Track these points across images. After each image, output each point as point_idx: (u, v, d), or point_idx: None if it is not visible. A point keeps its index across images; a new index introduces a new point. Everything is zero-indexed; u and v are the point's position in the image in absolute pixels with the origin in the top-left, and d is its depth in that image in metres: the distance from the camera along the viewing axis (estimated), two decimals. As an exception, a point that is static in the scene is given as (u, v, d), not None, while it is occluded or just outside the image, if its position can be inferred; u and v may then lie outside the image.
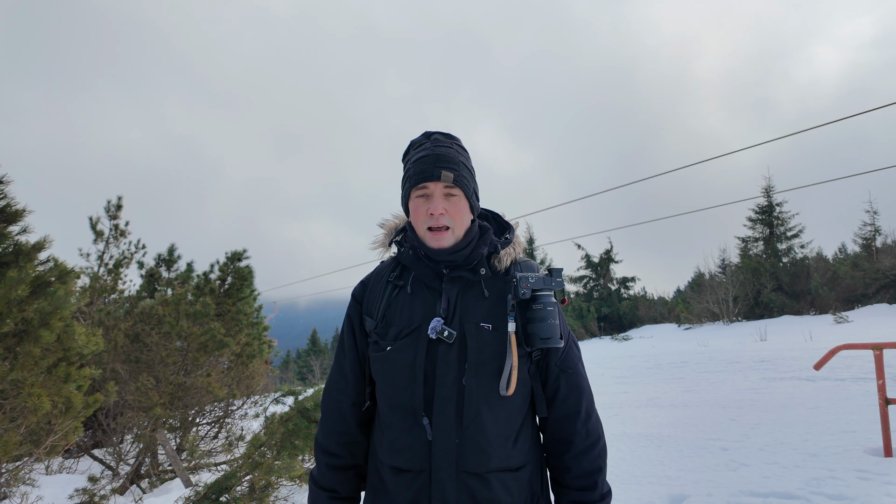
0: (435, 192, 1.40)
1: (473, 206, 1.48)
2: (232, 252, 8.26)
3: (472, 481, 1.32)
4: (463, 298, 1.42)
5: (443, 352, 1.36)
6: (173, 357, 5.94)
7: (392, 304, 1.45)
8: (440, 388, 1.34)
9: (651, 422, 6.97)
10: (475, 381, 1.34)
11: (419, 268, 1.45)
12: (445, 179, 1.38)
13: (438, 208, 1.39)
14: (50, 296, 3.30)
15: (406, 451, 1.36)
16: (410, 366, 1.36)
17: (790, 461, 4.76)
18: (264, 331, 9.18)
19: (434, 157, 1.41)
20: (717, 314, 22.99)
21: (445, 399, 1.33)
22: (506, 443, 1.37)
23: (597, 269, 31.61)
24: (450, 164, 1.40)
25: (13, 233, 3.26)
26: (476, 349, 1.36)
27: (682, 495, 4.15)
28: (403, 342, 1.39)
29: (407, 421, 1.36)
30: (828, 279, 22.89)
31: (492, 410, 1.35)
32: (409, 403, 1.35)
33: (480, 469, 1.32)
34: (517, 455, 1.38)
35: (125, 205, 7.62)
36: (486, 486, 1.33)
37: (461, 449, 1.32)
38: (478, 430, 1.33)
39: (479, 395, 1.34)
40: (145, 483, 5.93)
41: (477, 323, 1.38)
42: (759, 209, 25.97)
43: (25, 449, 3.47)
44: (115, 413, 6.42)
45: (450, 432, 1.32)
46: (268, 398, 7.66)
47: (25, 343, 3.20)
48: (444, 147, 1.44)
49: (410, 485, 1.34)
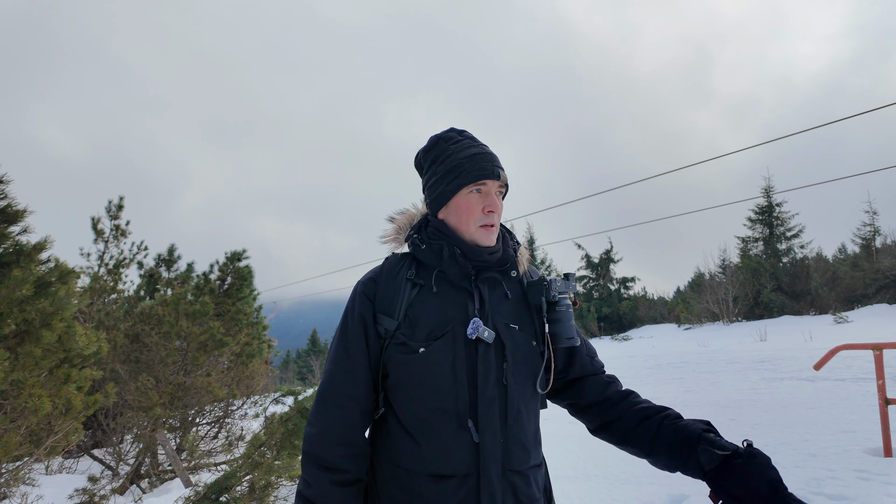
0: (492, 189, 1.42)
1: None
2: (231, 252, 8.26)
3: (516, 479, 1.33)
4: (491, 299, 1.42)
5: (482, 352, 1.34)
6: (173, 357, 5.94)
7: (415, 303, 1.38)
8: (483, 388, 1.32)
9: (651, 422, 6.96)
10: (514, 381, 1.36)
11: (449, 266, 1.39)
12: (503, 179, 1.43)
13: (494, 205, 1.41)
14: (51, 296, 3.30)
15: (451, 457, 1.29)
16: (450, 368, 1.32)
17: (790, 461, 4.76)
18: (264, 330, 9.19)
19: (490, 155, 1.43)
20: (717, 314, 22.99)
21: (490, 400, 1.32)
22: (536, 440, 1.43)
23: (597, 269, 31.61)
24: (501, 164, 1.45)
25: (14, 233, 3.26)
26: (512, 349, 1.37)
27: (681, 495, 4.15)
28: (438, 343, 1.33)
29: (450, 425, 1.30)
30: (827, 279, 22.90)
31: (528, 409, 1.39)
32: (453, 406, 1.31)
33: (522, 467, 1.35)
34: (538, 453, 1.45)
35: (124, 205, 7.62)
36: (526, 483, 1.35)
37: (506, 448, 1.32)
38: (519, 429, 1.36)
39: (519, 394, 1.37)
40: (145, 483, 5.93)
41: (507, 323, 1.40)
42: (758, 209, 25.98)
43: (26, 449, 3.47)
44: (115, 413, 6.42)
45: (495, 433, 1.31)
46: (268, 398, 7.66)
47: (27, 343, 3.20)
48: (485, 147, 1.46)
49: (457, 490, 1.28)
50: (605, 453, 5.36)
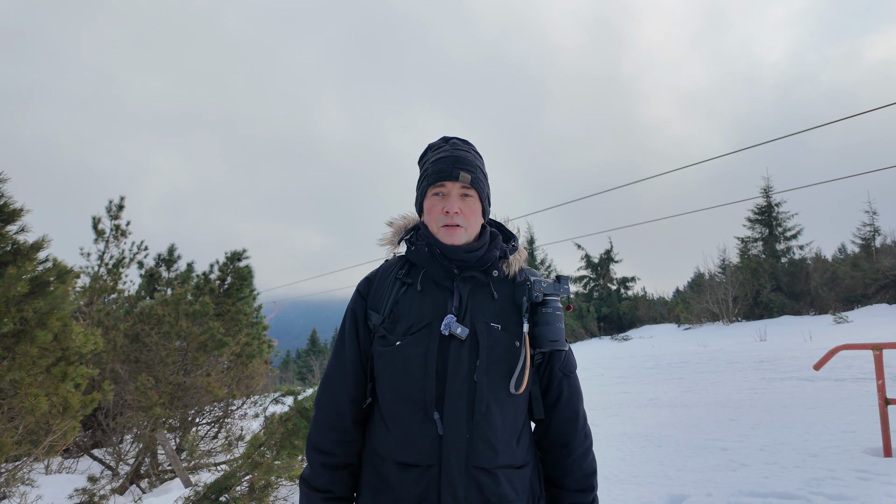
0: (452, 191, 1.47)
1: (486, 210, 1.55)
2: (231, 252, 8.26)
3: (481, 476, 1.34)
4: (473, 298, 1.46)
5: (455, 348, 1.38)
6: (173, 357, 5.94)
7: (400, 301, 1.47)
8: (451, 383, 1.36)
9: (651, 422, 6.96)
10: (486, 378, 1.38)
11: (432, 266, 1.48)
12: (463, 180, 1.46)
13: (454, 206, 1.46)
14: (48, 295, 3.29)
15: (415, 446, 1.35)
16: (422, 361, 1.38)
17: (790, 461, 4.76)
18: (264, 330, 9.19)
19: (453, 158, 1.49)
20: (716, 314, 22.98)
21: (457, 395, 1.36)
22: (511, 441, 1.41)
23: (597, 269, 31.59)
24: (468, 166, 1.48)
25: (11, 232, 3.25)
26: (488, 347, 1.39)
27: (681, 495, 4.15)
28: (414, 338, 1.40)
29: (417, 416, 1.36)
30: (827, 279, 22.89)
31: (500, 408, 1.39)
32: (420, 398, 1.36)
33: (489, 464, 1.35)
34: (520, 453, 1.42)
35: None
36: (494, 481, 1.35)
37: (471, 444, 1.34)
38: (487, 427, 1.36)
39: (490, 392, 1.37)
40: (145, 483, 5.93)
41: (487, 322, 1.42)
42: (757, 209, 25.97)
43: (24, 449, 3.47)
44: (115, 413, 6.42)
45: (460, 427, 1.34)
46: (267, 398, 7.65)
47: (23, 343, 3.19)
48: (462, 150, 1.52)
49: (419, 480, 1.34)
50: (604, 453, 5.36)
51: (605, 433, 6.32)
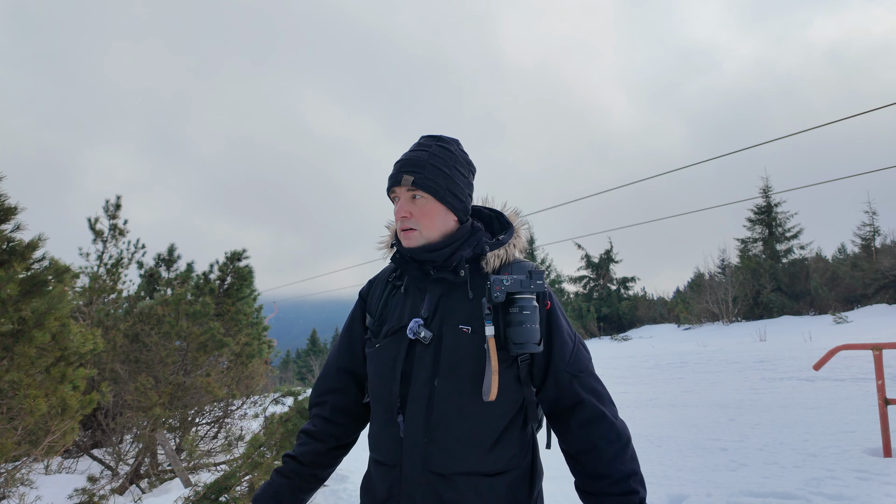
0: (401, 195, 1.45)
1: (453, 207, 1.46)
2: (231, 252, 8.25)
3: (437, 481, 1.32)
4: (446, 300, 1.43)
5: (419, 352, 1.38)
6: (173, 357, 5.94)
7: (388, 303, 1.51)
8: (413, 387, 1.37)
9: (650, 422, 6.96)
10: (446, 383, 1.35)
11: (408, 269, 1.49)
12: (405, 183, 1.41)
13: (401, 211, 1.44)
14: (45, 295, 3.27)
15: (384, 445, 1.41)
16: (392, 363, 1.40)
17: (789, 461, 4.76)
18: (264, 331, 9.18)
19: (401, 162, 1.46)
20: (716, 314, 22.98)
21: (417, 398, 1.36)
22: (478, 447, 1.34)
23: (597, 269, 31.60)
24: (413, 167, 1.42)
25: (6, 231, 3.23)
26: (450, 351, 1.36)
27: (681, 495, 4.15)
28: (389, 340, 1.44)
29: (385, 416, 1.40)
30: (827, 279, 22.89)
31: (462, 413, 1.34)
32: (387, 400, 1.40)
33: (446, 470, 1.32)
34: (493, 461, 1.35)
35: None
36: (452, 488, 1.32)
37: (427, 448, 1.33)
38: (446, 432, 1.33)
39: (450, 397, 1.34)
40: (145, 483, 5.93)
41: (456, 325, 1.38)
42: (757, 210, 25.96)
43: (23, 449, 3.46)
44: (115, 413, 6.41)
45: (418, 431, 1.34)
46: (267, 398, 7.65)
47: (21, 343, 3.17)
48: (417, 151, 1.47)
49: (386, 477, 1.39)
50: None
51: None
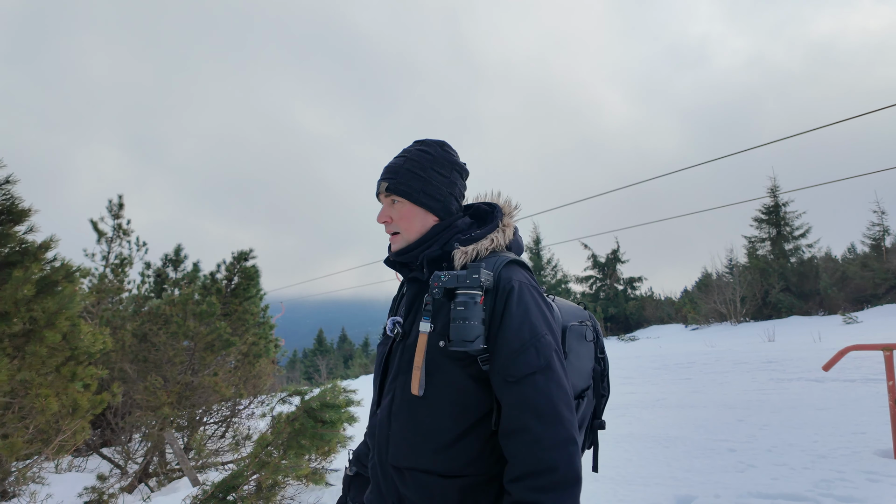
0: (383, 202, 1.52)
1: (430, 208, 1.47)
2: (238, 252, 8.29)
3: (393, 473, 1.39)
4: (419, 299, 1.48)
5: (395, 349, 1.48)
6: (181, 357, 5.97)
7: (398, 304, 1.62)
8: (387, 381, 1.47)
9: (657, 422, 6.93)
10: (404, 378, 1.41)
11: (399, 270, 1.56)
12: (381, 189, 1.50)
13: (382, 217, 1.51)
14: (56, 295, 3.31)
15: (370, 436, 1.51)
16: (379, 361, 1.52)
17: (799, 463, 4.73)
18: (271, 330, 9.21)
19: (383, 170, 1.52)
20: (724, 315, 22.87)
21: (387, 392, 1.45)
22: (431, 445, 1.32)
23: (603, 269, 31.51)
24: (388, 174, 1.49)
25: (19, 232, 3.27)
26: (411, 348, 1.42)
27: (689, 496, 4.13)
28: (382, 339, 1.56)
29: (373, 409, 1.52)
30: (837, 279, 22.71)
31: (411, 409, 1.37)
32: (373, 394, 1.53)
33: (399, 463, 1.38)
34: (448, 462, 1.31)
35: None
36: (403, 482, 1.37)
37: (389, 441, 1.40)
38: (401, 427, 1.39)
39: (405, 391, 1.40)
40: (153, 482, 5.97)
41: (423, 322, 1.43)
42: (765, 209, 25.81)
43: (35, 448, 3.50)
44: (124, 412, 6.46)
45: (384, 424, 1.42)
46: (274, 398, 7.67)
47: (32, 343, 3.21)
48: (397, 158, 1.53)
49: (372, 465, 1.48)
50: (610, 454, 5.34)
51: (611, 434, 6.30)
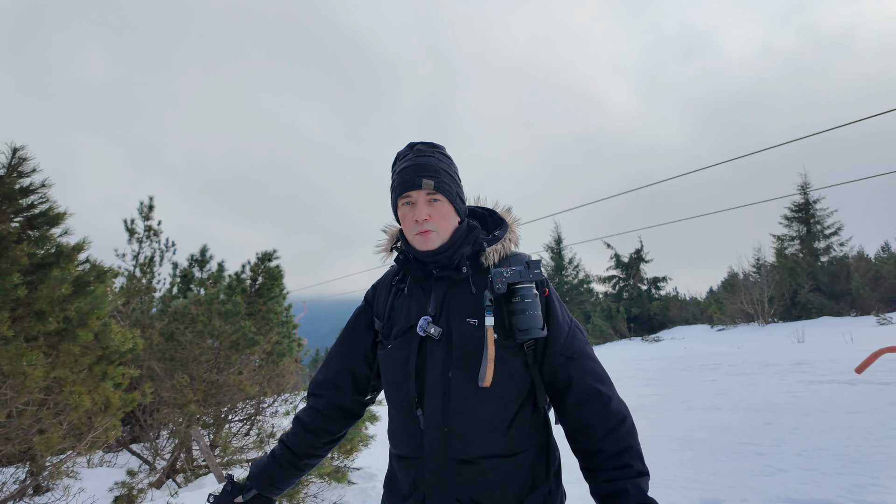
0: (419, 199, 1.51)
1: (458, 209, 1.57)
2: (263, 252, 8.41)
3: (461, 467, 1.40)
4: (451, 296, 1.51)
5: (430, 348, 1.46)
6: (206, 355, 6.09)
7: (395, 306, 1.59)
8: (429, 381, 1.44)
9: (682, 425, 6.83)
10: (459, 374, 1.43)
11: (412, 270, 1.56)
12: (426, 187, 1.49)
13: (422, 214, 1.50)
14: (88, 295, 3.41)
15: (404, 440, 1.49)
16: (404, 363, 1.48)
17: (830, 467, 4.61)
18: (294, 329, 9.32)
19: (415, 167, 1.51)
20: (751, 315, 22.38)
21: (434, 391, 1.43)
22: (494, 431, 1.43)
23: (627, 268, 31.11)
24: (430, 172, 1.51)
25: (55, 235, 3.40)
26: (460, 344, 1.44)
27: (715, 500, 4.06)
28: (400, 341, 1.52)
29: (403, 413, 1.49)
30: (870, 279, 22.03)
31: (478, 400, 1.42)
32: (404, 397, 1.47)
33: (467, 455, 1.40)
34: (510, 442, 1.44)
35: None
36: (477, 471, 1.40)
37: (448, 437, 1.41)
38: (463, 420, 1.41)
39: (464, 386, 1.42)
40: (180, 478, 6.10)
41: (463, 319, 1.47)
42: (795, 207, 25.19)
43: (69, 443, 3.61)
44: (152, 409, 6.62)
45: (438, 422, 1.42)
46: (298, 396, 7.77)
47: (66, 342, 3.32)
48: (425, 156, 1.54)
49: (409, 470, 1.46)
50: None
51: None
